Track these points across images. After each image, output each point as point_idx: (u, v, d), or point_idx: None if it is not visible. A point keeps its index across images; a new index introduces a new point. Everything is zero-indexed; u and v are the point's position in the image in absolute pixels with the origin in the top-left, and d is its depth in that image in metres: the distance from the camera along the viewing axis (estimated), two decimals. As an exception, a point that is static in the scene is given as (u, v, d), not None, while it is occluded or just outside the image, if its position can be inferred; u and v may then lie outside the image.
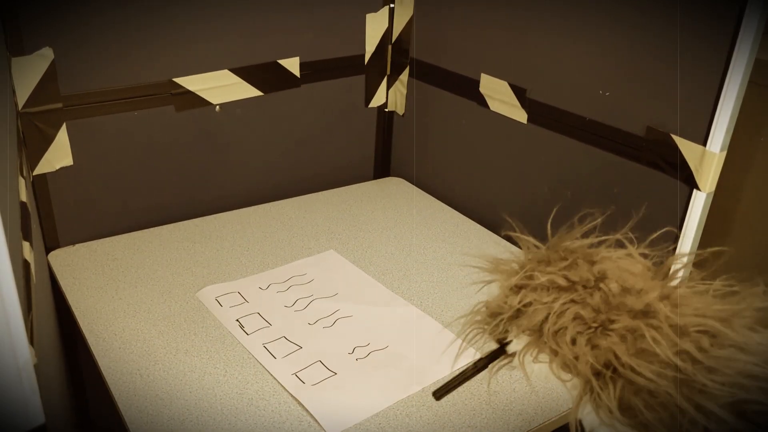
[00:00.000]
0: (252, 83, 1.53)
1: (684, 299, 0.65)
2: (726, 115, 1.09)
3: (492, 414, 1.04)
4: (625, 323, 0.64)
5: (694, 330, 0.62)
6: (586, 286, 0.68)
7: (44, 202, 1.37)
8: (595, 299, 0.66)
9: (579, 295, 0.67)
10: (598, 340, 0.65)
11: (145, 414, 1.00)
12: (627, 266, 0.69)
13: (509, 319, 0.72)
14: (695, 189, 1.16)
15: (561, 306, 0.67)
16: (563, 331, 0.67)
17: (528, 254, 0.75)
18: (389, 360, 1.14)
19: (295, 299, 1.28)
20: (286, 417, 1.01)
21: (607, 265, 0.69)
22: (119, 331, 1.17)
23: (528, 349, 0.71)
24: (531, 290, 0.70)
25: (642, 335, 0.63)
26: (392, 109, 1.79)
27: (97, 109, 1.37)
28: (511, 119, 1.48)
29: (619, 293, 0.66)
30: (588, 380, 0.65)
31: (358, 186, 1.76)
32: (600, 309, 0.66)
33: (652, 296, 0.66)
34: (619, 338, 0.64)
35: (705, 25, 1.10)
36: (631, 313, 0.65)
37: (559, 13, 1.32)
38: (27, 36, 1.24)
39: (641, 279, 0.68)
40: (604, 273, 0.68)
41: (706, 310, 0.64)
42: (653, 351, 0.61)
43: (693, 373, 0.59)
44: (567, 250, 0.72)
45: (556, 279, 0.69)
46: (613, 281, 0.67)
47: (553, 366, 0.69)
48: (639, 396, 0.62)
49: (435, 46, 1.62)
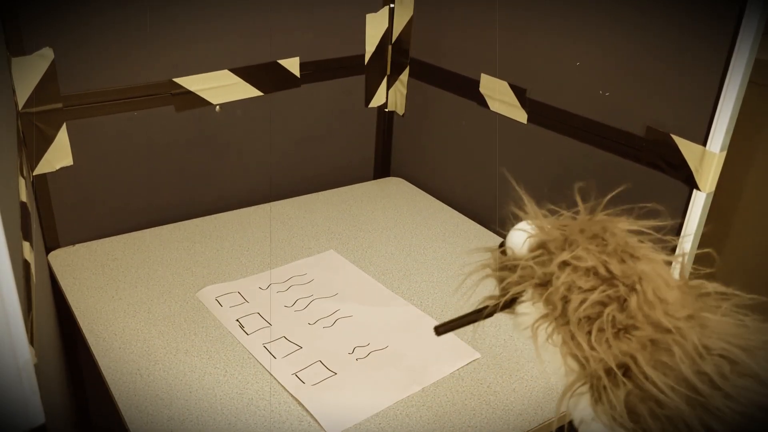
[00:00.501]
0: (252, 83, 1.53)
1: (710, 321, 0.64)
2: (726, 115, 1.09)
3: (492, 414, 1.04)
4: (648, 333, 0.63)
5: (716, 353, 0.62)
6: (625, 283, 0.66)
7: (44, 202, 1.37)
8: (631, 303, 0.65)
9: (617, 291, 0.66)
10: (618, 341, 0.64)
11: (145, 414, 1.00)
12: (665, 274, 0.67)
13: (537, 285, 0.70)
14: (695, 189, 1.16)
15: (599, 296, 0.66)
16: (588, 322, 0.66)
17: (572, 222, 0.72)
18: (389, 360, 1.14)
19: (295, 299, 1.28)
20: (286, 417, 1.01)
21: (647, 267, 0.67)
22: (119, 331, 1.17)
23: (543, 322, 0.69)
24: (573, 270, 0.67)
25: (665, 348, 0.62)
26: (392, 109, 1.79)
27: (97, 109, 1.37)
28: (511, 119, 1.48)
29: (653, 301, 0.65)
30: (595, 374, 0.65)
31: (358, 186, 1.76)
32: (631, 312, 0.65)
33: (681, 315, 0.65)
34: (639, 345, 0.63)
35: (705, 25, 1.10)
36: (654, 325, 0.64)
37: (559, 13, 1.32)
38: (27, 36, 1.24)
39: (674, 292, 0.66)
40: (644, 275, 0.66)
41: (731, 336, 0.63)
42: (672, 365, 0.61)
43: (710, 396, 0.59)
44: (610, 232, 0.70)
45: (598, 266, 0.66)
46: (650, 288, 0.65)
47: (564, 349, 0.68)
48: (645, 403, 0.61)
49: (435, 46, 1.62)
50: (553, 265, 0.68)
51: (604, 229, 0.70)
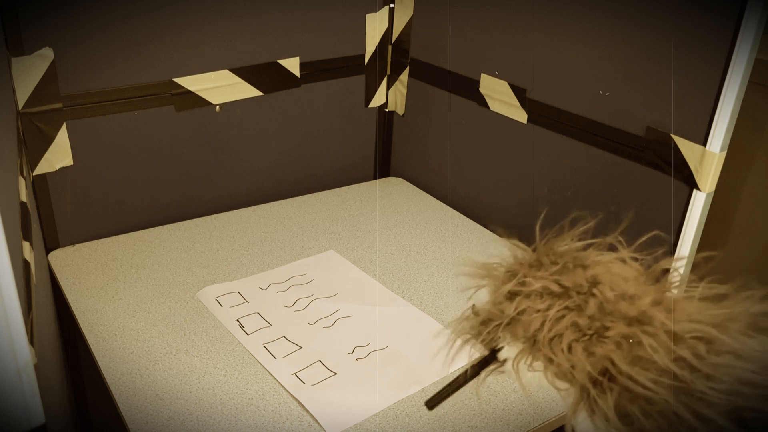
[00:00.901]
0: (252, 83, 1.53)
1: (677, 304, 0.65)
2: (726, 115, 1.09)
3: (492, 414, 1.04)
4: (620, 330, 0.63)
5: (689, 336, 0.62)
6: (580, 291, 0.67)
7: (44, 202, 1.37)
8: (590, 306, 0.65)
9: (573, 301, 0.66)
10: (593, 347, 0.64)
11: (145, 414, 1.00)
12: (619, 271, 0.68)
13: (501, 326, 0.71)
14: (695, 189, 1.16)
15: (556, 313, 0.66)
16: (558, 339, 0.66)
17: (517, 258, 0.74)
18: (389, 360, 1.14)
19: (295, 299, 1.28)
20: (286, 417, 1.01)
21: (599, 270, 0.68)
22: (119, 331, 1.17)
23: (522, 357, 0.70)
24: (525, 297, 0.69)
25: (638, 342, 0.62)
26: (392, 109, 1.79)
27: (98, 109, 1.37)
28: (511, 119, 1.48)
29: (613, 299, 0.65)
30: (583, 387, 0.65)
31: (359, 186, 1.76)
32: (595, 316, 0.65)
33: (645, 302, 0.65)
34: (614, 345, 0.63)
35: (705, 25, 1.10)
36: (625, 320, 0.64)
37: (560, 13, 1.32)
38: (27, 36, 1.24)
39: (634, 284, 0.67)
40: (597, 278, 0.67)
41: (700, 315, 0.63)
42: (649, 358, 0.61)
43: (691, 381, 0.59)
44: (556, 253, 0.71)
45: (550, 285, 0.67)
46: (607, 287, 0.66)
47: (548, 374, 0.68)
48: (636, 403, 0.61)
49: (435, 46, 1.62)
50: (500, 295, 0.70)
51: (548, 255, 0.71)
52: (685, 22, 1.13)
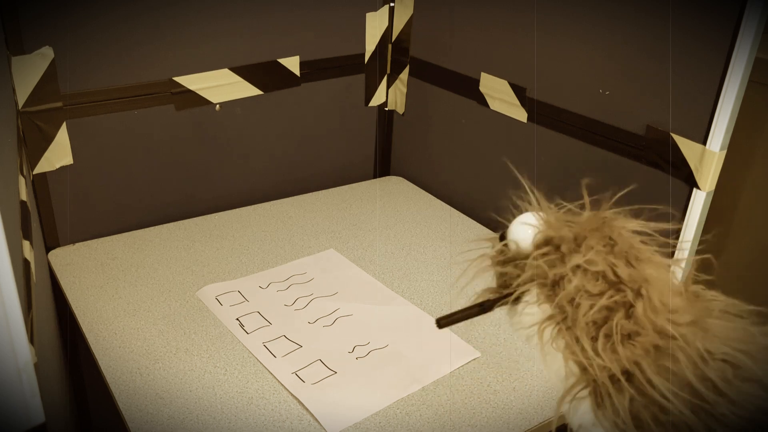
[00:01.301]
0: (252, 82, 1.53)
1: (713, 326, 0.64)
2: (726, 114, 1.09)
3: (492, 413, 1.04)
4: (652, 339, 0.63)
5: (719, 358, 0.61)
6: (632, 288, 0.65)
7: (44, 201, 1.37)
8: (638, 309, 0.64)
9: (624, 296, 0.65)
10: (622, 347, 0.64)
11: (145, 413, 1.00)
12: (669, 280, 0.66)
13: (543, 285, 0.68)
14: (695, 188, 1.16)
15: (607, 300, 0.65)
16: (594, 326, 0.65)
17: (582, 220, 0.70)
18: (389, 359, 1.14)
19: (295, 298, 1.28)
20: (286, 416, 1.01)
21: (653, 271, 0.66)
22: (119, 331, 1.17)
23: (549, 325, 0.68)
24: (583, 272, 0.65)
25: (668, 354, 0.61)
26: (392, 108, 1.79)
27: (98, 108, 1.37)
28: (511, 118, 1.48)
29: (657, 307, 0.64)
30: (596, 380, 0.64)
31: (359, 185, 1.76)
32: (638, 320, 0.64)
33: (685, 320, 0.64)
34: (643, 351, 0.63)
35: (705, 25, 1.10)
36: (660, 333, 0.63)
37: (560, 12, 1.32)
38: (27, 35, 1.24)
39: (679, 298, 0.65)
40: (649, 280, 0.65)
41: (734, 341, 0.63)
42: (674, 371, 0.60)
43: (715, 402, 0.59)
44: (617, 232, 0.68)
45: (607, 272, 0.65)
46: (656, 293, 0.64)
47: (567, 353, 0.67)
48: (649, 410, 0.61)
49: (435, 45, 1.62)
50: (567, 267, 0.67)
51: (611, 229, 0.68)
52: (685, 22, 1.13)
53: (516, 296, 0.71)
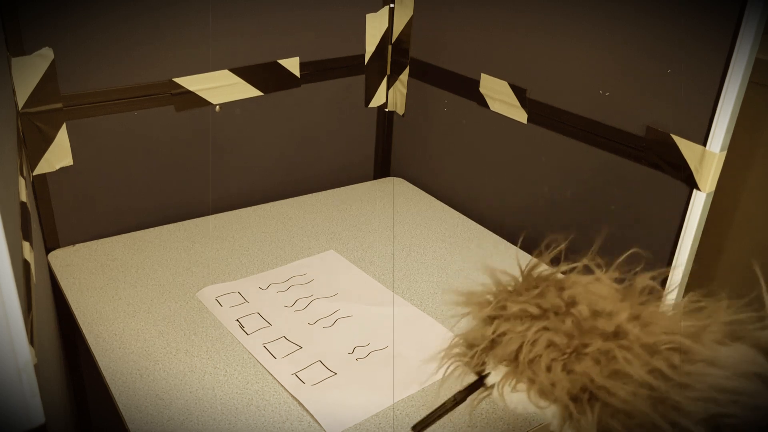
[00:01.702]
0: (252, 83, 1.53)
1: (653, 317, 0.66)
2: (726, 114, 1.09)
3: (492, 414, 1.04)
4: (597, 346, 0.65)
5: (664, 348, 0.63)
6: (558, 312, 0.68)
7: (44, 202, 1.37)
8: (567, 325, 0.67)
9: (551, 322, 0.68)
10: (573, 365, 0.65)
11: (145, 414, 1.00)
12: (596, 290, 0.70)
13: (485, 350, 0.73)
14: (695, 189, 1.16)
15: (534, 334, 0.68)
16: (538, 359, 0.67)
17: (500, 284, 0.76)
18: (389, 360, 1.14)
19: (295, 299, 1.28)
20: (286, 417, 1.01)
21: (577, 290, 0.70)
22: (119, 331, 1.17)
23: (506, 380, 0.71)
24: (504, 320, 0.71)
25: (614, 357, 0.63)
26: (392, 109, 1.79)
27: (97, 109, 1.37)
28: (511, 119, 1.48)
29: (590, 317, 0.67)
30: (566, 406, 0.66)
31: (358, 186, 1.76)
32: (573, 334, 0.66)
33: (621, 317, 0.66)
34: (593, 362, 0.64)
35: (705, 25, 1.10)
36: (602, 336, 0.65)
37: (560, 13, 1.32)
38: (27, 36, 1.24)
39: (610, 301, 0.69)
40: (574, 298, 0.69)
41: (675, 327, 0.64)
42: (626, 372, 0.62)
43: (666, 391, 0.60)
44: (538, 278, 0.73)
45: (528, 308, 0.69)
46: (584, 305, 0.68)
47: (531, 394, 0.70)
48: (616, 418, 0.62)
49: (435, 46, 1.62)
50: (480, 320, 0.72)
51: (528, 280, 0.74)
52: (685, 22, 1.13)
53: (478, 377, 0.75)
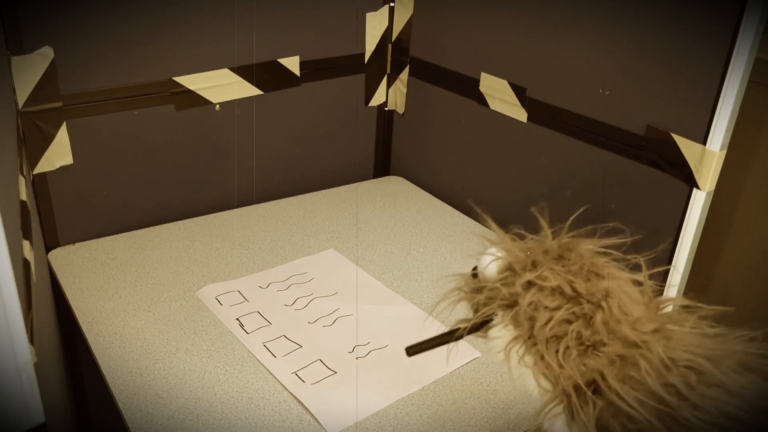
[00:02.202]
0: (252, 82, 1.53)
1: (675, 333, 0.66)
2: (726, 113, 1.09)
3: (492, 414, 1.04)
4: (616, 349, 0.64)
5: (682, 365, 0.63)
6: (590, 301, 0.67)
7: (44, 201, 1.37)
8: (597, 319, 0.66)
9: (582, 309, 0.67)
10: (586, 358, 0.65)
11: (145, 413, 1.00)
12: (630, 291, 0.69)
13: (505, 306, 0.71)
14: (695, 188, 1.16)
15: (563, 314, 0.67)
16: (556, 341, 0.67)
17: (539, 245, 0.73)
18: (389, 359, 1.14)
19: (295, 298, 1.28)
20: (286, 416, 1.02)
21: (613, 285, 0.68)
22: (119, 330, 1.17)
23: (515, 344, 0.70)
24: (539, 290, 0.69)
25: (632, 363, 0.63)
26: (392, 108, 1.79)
27: (98, 108, 1.37)
28: (511, 118, 1.48)
29: (618, 317, 0.66)
30: (567, 393, 0.66)
31: (359, 185, 1.76)
32: (597, 329, 0.66)
33: (647, 329, 0.66)
34: (608, 361, 0.64)
35: (705, 25, 1.10)
36: (624, 342, 0.65)
37: (560, 12, 1.32)
38: (27, 35, 1.24)
39: (641, 308, 0.68)
40: (609, 292, 0.67)
41: (696, 347, 0.64)
42: (640, 379, 0.62)
43: (678, 407, 0.60)
44: (575, 252, 0.71)
45: (564, 285, 0.68)
46: (616, 304, 0.67)
47: (536, 369, 0.69)
48: (617, 419, 0.62)
49: (435, 45, 1.62)
50: (518, 285, 0.70)
51: (569, 250, 0.72)
52: (685, 22, 1.13)
53: (483, 320, 0.74)
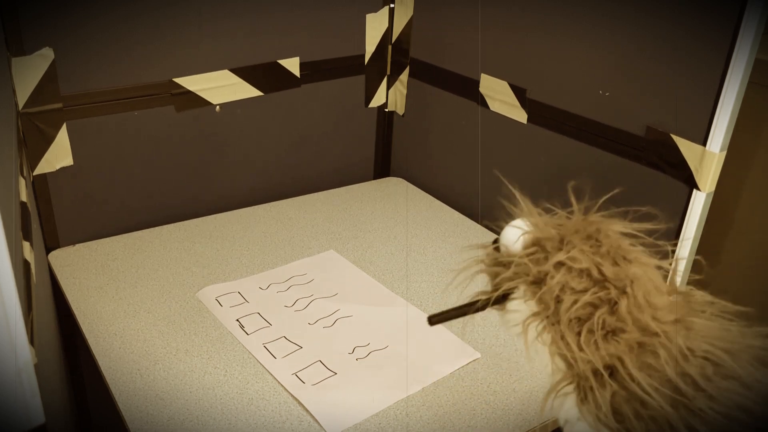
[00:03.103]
0: (252, 83, 1.53)
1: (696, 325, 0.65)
2: (726, 114, 1.09)
3: (492, 414, 1.04)
4: (636, 337, 0.64)
5: (700, 355, 0.62)
6: (616, 286, 0.66)
7: (44, 202, 1.37)
8: (622, 306, 0.65)
9: (608, 293, 0.66)
10: (606, 343, 0.65)
11: (145, 414, 1.00)
12: (655, 278, 0.68)
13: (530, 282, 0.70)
14: (695, 189, 1.16)
15: (590, 297, 0.66)
16: (578, 322, 0.66)
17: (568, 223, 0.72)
18: (389, 360, 1.14)
19: (295, 299, 1.28)
20: (287, 417, 1.01)
21: (639, 271, 0.67)
22: (119, 331, 1.17)
23: (534, 320, 0.69)
24: (568, 270, 0.67)
25: (651, 351, 0.62)
26: (392, 109, 1.79)
27: (98, 109, 1.37)
28: (511, 119, 1.48)
29: (642, 306, 0.65)
30: (582, 375, 0.65)
31: (358, 186, 1.76)
32: (621, 317, 0.65)
33: (669, 319, 0.65)
34: (627, 348, 0.64)
35: (705, 25, 1.10)
36: (644, 331, 0.64)
37: (559, 13, 1.32)
38: (27, 36, 1.24)
39: (665, 298, 0.67)
40: (635, 278, 0.67)
41: (716, 339, 0.64)
42: (656, 367, 0.61)
43: (693, 397, 0.60)
44: (603, 233, 0.70)
45: (592, 269, 0.67)
46: (641, 292, 0.66)
47: (553, 348, 0.68)
48: (630, 404, 0.62)
49: (435, 46, 1.62)
50: (549, 264, 0.69)
51: (598, 231, 0.70)
52: (685, 22, 1.13)
53: (504, 293, 0.73)
